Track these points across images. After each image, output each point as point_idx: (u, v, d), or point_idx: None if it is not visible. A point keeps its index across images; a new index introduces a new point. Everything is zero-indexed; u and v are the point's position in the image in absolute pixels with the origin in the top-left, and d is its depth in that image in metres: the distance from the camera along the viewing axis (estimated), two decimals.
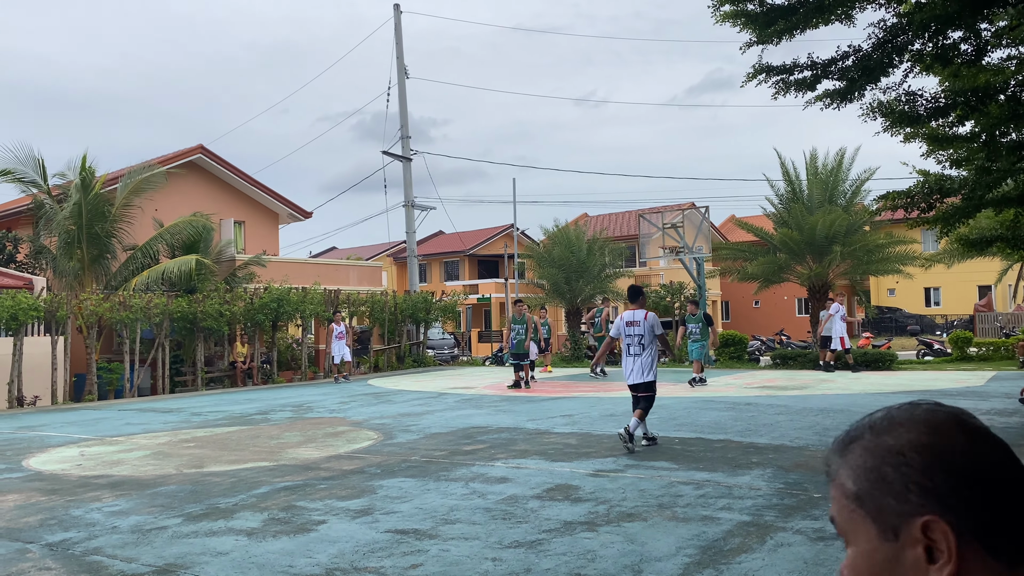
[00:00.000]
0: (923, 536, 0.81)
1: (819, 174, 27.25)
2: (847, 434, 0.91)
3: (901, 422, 0.88)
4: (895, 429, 0.87)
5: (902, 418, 0.88)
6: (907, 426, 0.87)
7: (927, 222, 9.13)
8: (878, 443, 0.87)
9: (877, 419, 0.90)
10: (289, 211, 28.40)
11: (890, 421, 0.89)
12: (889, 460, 0.85)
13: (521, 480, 7.24)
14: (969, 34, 8.60)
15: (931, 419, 0.87)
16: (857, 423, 0.92)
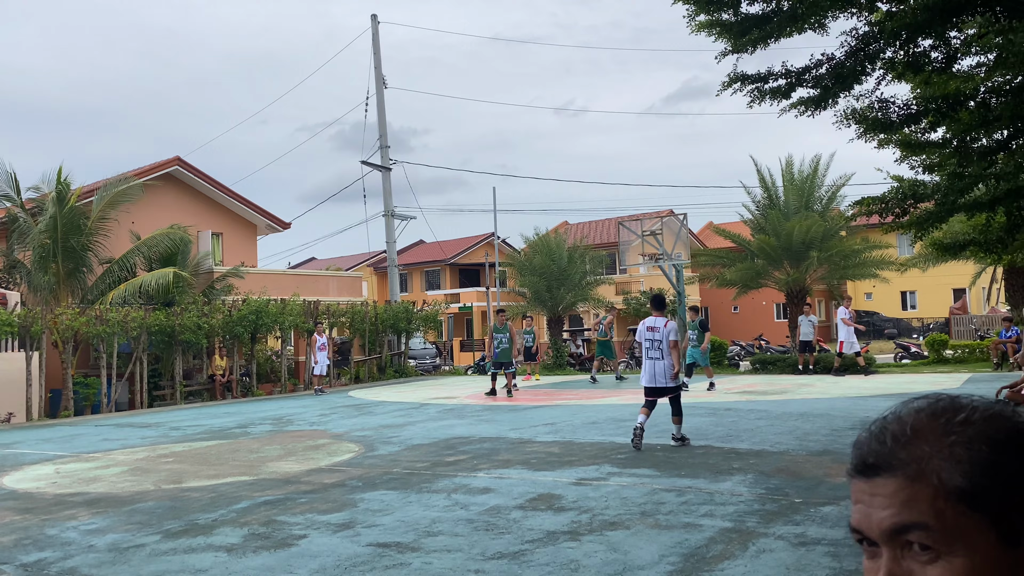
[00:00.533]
0: None
1: (795, 180, 27.51)
2: (909, 425, 0.79)
3: (986, 409, 0.78)
4: (992, 421, 0.76)
5: (978, 408, 0.78)
6: (1002, 417, 0.77)
7: (902, 227, 9.25)
8: (984, 432, 0.75)
9: (954, 407, 0.79)
10: (267, 222, 28.24)
11: (972, 411, 0.78)
12: (1009, 451, 0.74)
13: (504, 490, 7.22)
14: (939, 42, 8.73)
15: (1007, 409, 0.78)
16: (910, 413, 0.80)
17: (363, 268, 44.64)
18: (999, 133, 8.94)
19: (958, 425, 0.77)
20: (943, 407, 0.79)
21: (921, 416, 0.79)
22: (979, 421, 0.76)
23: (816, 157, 27.87)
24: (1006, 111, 8.14)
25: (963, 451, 0.75)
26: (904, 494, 0.76)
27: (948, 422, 0.77)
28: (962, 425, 0.76)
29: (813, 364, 20.56)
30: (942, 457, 0.75)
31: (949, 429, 0.77)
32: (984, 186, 8.42)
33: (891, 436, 0.79)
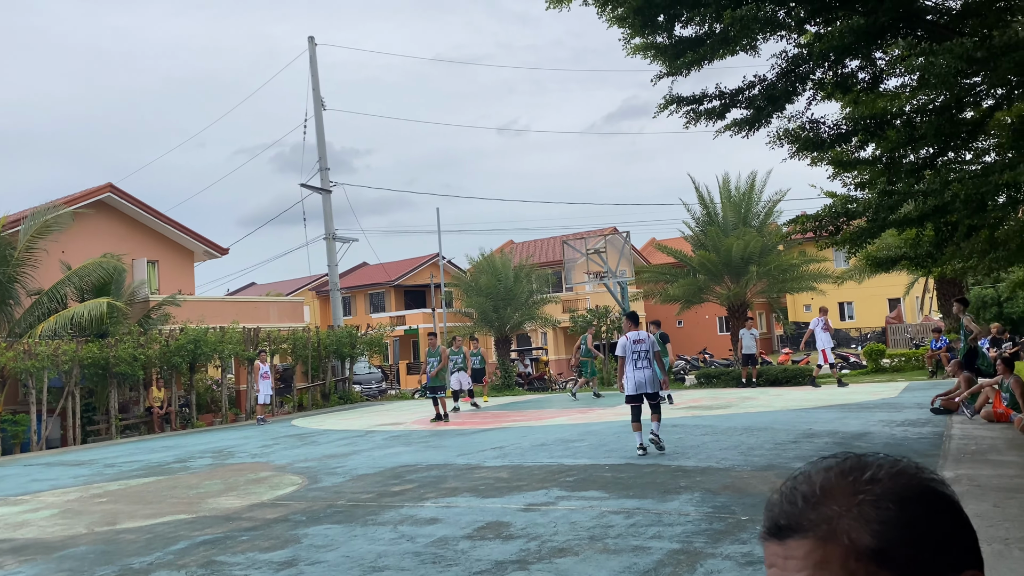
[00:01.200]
0: None
1: (732, 197, 28.07)
2: (818, 485, 0.79)
3: (888, 467, 0.79)
4: (898, 478, 0.77)
5: (881, 466, 0.79)
6: (898, 471, 0.78)
7: (836, 243, 9.46)
8: (891, 490, 0.76)
9: (861, 466, 0.79)
10: (205, 248, 27.64)
11: (878, 469, 0.78)
12: (915, 508, 0.75)
13: (451, 520, 7.11)
14: (866, 63, 9.00)
15: (914, 466, 0.80)
16: (819, 473, 0.80)
17: (305, 292, 43.99)
18: (925, 150, 9.23)
19: (865, 484, 0.77)
20: (850, 466, 0.79)
21: (830, 476, 0.79)
22: (886, 479, 0.77)
23: (752, 174, 28.53)
24: (930, 129, 8.41)
25: (871, 510, 0.75)
26: (816, 555, 0.75)
27: (856, 481, 0.78)
28: (869, 483, 0.77)
29: (756, 377, 20.90)
30: (851, 517, 0.75)
31: (857, 488, 0.77)
32: (913, 202, 8.67)
33: (801, 497, 0.79)
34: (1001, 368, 11.10)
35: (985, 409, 11.24)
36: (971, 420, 11.37)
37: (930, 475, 0.79)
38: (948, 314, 23.43)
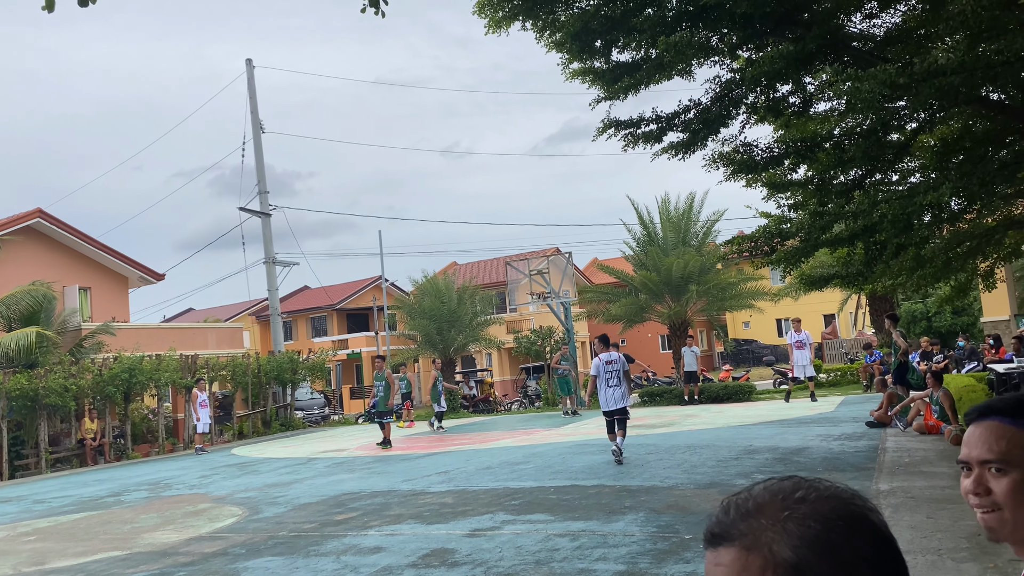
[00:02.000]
0: None
1: (672, 217, 28.56)
2: (752, 499, 0.83)
3: (820, 489, 0.82)
4: (824, 501, 0.81)
5: (812, 489, 0.82)
6: (829, 495, 0.82)
7: (771, 262, 9.70)
8: (814, 514, 0.80)
9: (795, 487, 0.83)
10: (140, 274, 26.95)
11: (802, 493, 0.82)
12: (838, 530, 0.78)
13: (396, 548, 7.01)
14: (796, 88, 9.29)
15: (844, 491, 0.83)
16: (758, 489, 0.85)
17: (244, 317, 43.14)
18: (854, 172, 9.54)
19: (795, 502, 0.81)
20: (786, 486, 0.83)
21: (765, 492, 0.84)
22: (815, 500, 0.81)
23: (691, 195, 29.08)
24: (858, 152, 8.70)
25: (795, 527, 0.79)
26: (739, 564, 0.79)
27: (786, 499, 0.82)
28: (798, 502, 0.81)
29: (698, 394, 21.19)
30: (775, 531, 0.79)
31: (786, 505, 0.81)
32: (843, 222, 8.95)
33: (735, 508, 0.84)
34: (931, 381, 11.47)
35: (917, 422, 11.59)
36: (904, 433, 11.70)
37: (862, 503, 0.82)
38: (880, 329, 24.16)
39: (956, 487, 7.68)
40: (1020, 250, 12.42)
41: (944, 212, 8.87)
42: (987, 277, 12.26)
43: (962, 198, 8.40)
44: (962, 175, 8.23)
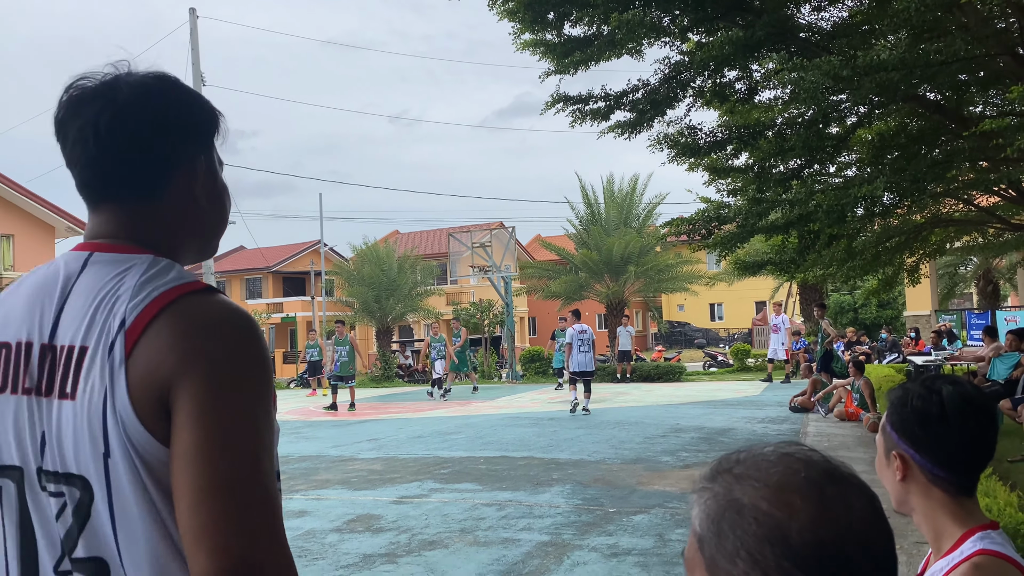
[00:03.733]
0: None
1: (615, 198, 28.79)
2: (719, 464, 0.86)
3: (756, 476, 0.82)
4: (747, 482, 0.82)
5: (760, 471, 0.82)
6: (759, 483, 0.81)
7: (708, 246, 9.85)
8: (728, 493, 0.82)
9: (742, 460, 0.84)
10: (68, 224, 25.97)
11: (748, 469, 0.83)
12: (729, 517, 0.81)
13: (321, 513, 6.96)
14: (743, 74, 9.40)
15: (784, 483, 0.81)
16: (731, 454, 0.86)
17: None
18: (793, 162, 9.72)
19: (726, 480, 0.83)
20: (742, 460, 0.84)
21: (728, 461, 0.86)
22: (738, 481, 0.82)
23: (635, 177, 29.38)
24: (799, 142, 8.87)
25: (708, 504, 0.82)
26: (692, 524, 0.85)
27: (727, 471, 0.84)
28: (728, 480, 0.82)
29: (631, 372, 21.53)
30: (700, 504, 0.83)
31: (721, 479, 0.83)
32: (780, 210, 9.13)
33: (708, 468, 0.86)
34: (852, 370, 11.86)
35: (837, 408, 11.98)
36: (825, 419, 12.10)
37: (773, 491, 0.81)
38: (809, 318, 24.86)
39: (872, 471, 7.96)
40: (944, 247, 12.88)
41: (876, 206, 9.12)
42: (912, 272, 12.69)
43: (894, 194, 8.64)
44: (896, 171, 8.47)
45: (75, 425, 1.03)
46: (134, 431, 1.01)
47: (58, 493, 1.05)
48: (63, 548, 1.05)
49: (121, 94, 1.15)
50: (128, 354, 1.02)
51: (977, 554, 1.39)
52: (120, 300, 1.06)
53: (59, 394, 1.05)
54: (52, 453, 1.05)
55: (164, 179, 1.16)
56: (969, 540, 1.42)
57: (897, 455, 1.50)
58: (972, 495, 1.48)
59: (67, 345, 1.06)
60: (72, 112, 1.15)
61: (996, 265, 24.31)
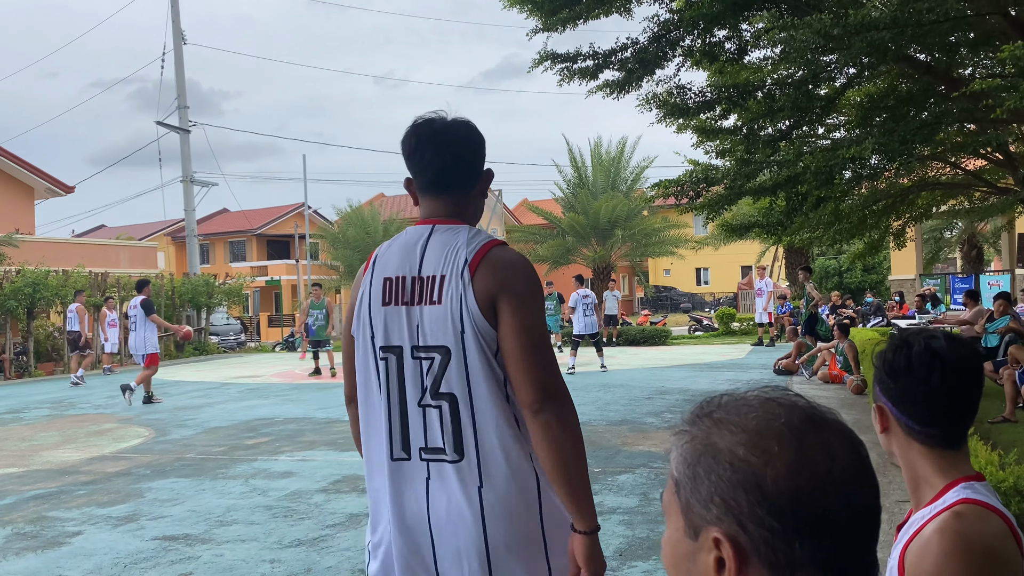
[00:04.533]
0: (715, 547, 0.77)
1: (603, 161, 28.63)
2: (699, 407, 0.84)
3: (735, 421, 0.80)
4: (725, 427, 0.80)
5: (739, 415, 0.81)
6: (737, 428, 0.79)
7: (695, 208, 9.81)
8: (706, 437, 0.81)
9: (723, 404, 0.83)
10: (47, 185, 25.60)
11: (728, 413, 0.81)
12: (704, 462, 0.79)
13: (307, 473, 6.95)
14: (733, 34, 9.27)
15: (763, 428, 0.78)
16: (713, 398, 0.85)
17: (159, 237, 41.67)
18: (782, 123, 9.65)
19: (705, 424, 0.82)
20: (723, 404, 0.83)
21: (709, 405, 0.84)
22: (716, 426, 0.81)
23: (623, 139, 29.20)
24: (788, 102, 8.79)
25: (685, 448, 0.82)
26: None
27: (707, 416, 0.83)
28: (707, 424, 0.82)
29: (616, 336, 21.59)
30: (678, 447, 0.83)
31: (701, 423, 0.82)
32: (768, 172, 9.08)
33: (690, 411, 0.86)
34: (837, 334, 11.93)
35: (821, 371, 12.07)
36: (809, 381, 12.18)
37: (750, 436, 0.78)
38: (795, 282, 24.96)
39: (857, 429, 8.03)
40: (931, 211, 12.90)
41: (864, 169, 9.08)
42: (898, 236, 12.71)
43: (882, 156, 8.59)
44: (884, 133, 8.41)
45: (440, 318, 1.82)
46: (477, 319, 1.80)
47: (427, 358, 1.84)
48: (425, 389, 1.84)
49: (459, 132, 1.95)
50: (472, 277, 1.81)
51: (959, 503, 1.38)
52: (460, 249, 1.86)
53: (428, 302, 1.85)
54: (423, 335, 1.84)
55: (474, 180, 1.98)
56: (952, 490, 1.41)
57: (878, 407, 1.52)
58: (955, 447, 1.47)
59: (431, 275, 1.86)
60: (427, 140, 1.93)
61: (980, 229, 24.44)
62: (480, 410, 1.81)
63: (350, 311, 1.98)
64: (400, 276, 1.89)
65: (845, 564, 0.76)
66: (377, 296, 1.90)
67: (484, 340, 1.79)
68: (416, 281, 1.87)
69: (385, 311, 1.89)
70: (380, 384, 1.89)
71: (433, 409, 1.84)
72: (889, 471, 5.83)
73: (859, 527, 0.77)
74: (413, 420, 1.86)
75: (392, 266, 1.91)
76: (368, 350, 1.91)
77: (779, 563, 0.75)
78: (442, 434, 1.83)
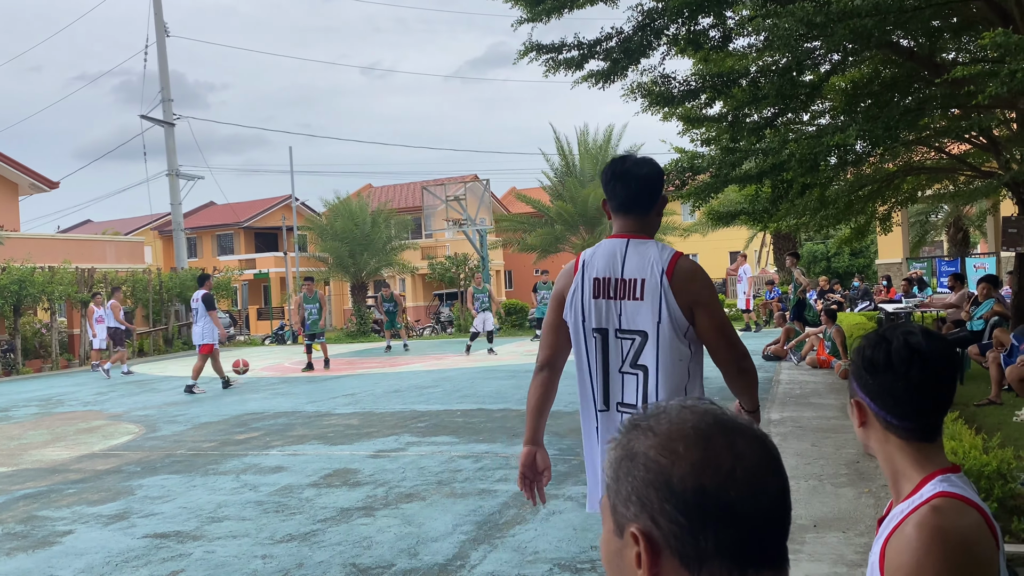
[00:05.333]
0: (635, 543, 0.84)
1: (590, 149, 28.61)
2: (632, 419, 0.91)
3: (651, 427, 0.87)
4: (645, 435, 0.87)
5: (660, 422, 0.87)
6: (653, 434, 0.87)
7: (681, 196, 9.81)
8: (627, 443, 0.88)
9: (647, 415, 0.90)
10: (31, 181, 25.40)
11: (648, 421, 0.89)
12: (625, 465, 0.87)
13: (297, 468, 6.96)
14: (717, 21, 9.25)
15: (673, 432, 0.86)
16: (644, 410, 0.92)
17: (146, 232, 41.41)
18: (767, 110, 9.65)
19: (630, 432, 0.89)
20: (649, 415, 0.90)
21: (640, 416, 0.91)
22: (639, 432, 0.88)
23: (609, 127, 29.18)
24: (772, 90, 8.79)
25: (613, 453, 0.89)
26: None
27: (636, 425, 0.89)
28: (631, 432, 0.89)
29: None
30: (609, 451, 0.90)
31: (633, 431, 0.89)
32: (753, 160, 9.09)
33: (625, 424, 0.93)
34: (825, 319, 12.00)
35: (810, 356, 12.14)
36: (797, 366, 12.26)
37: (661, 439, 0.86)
38: (782, 267, 25.04)
39: (842, 418, 8.11)
40: (916, 196, 12.95)
41: (849, 155, 9.10)
42: (884, 220, 12.76)
43: (867, 142, 8.61)
44: (868, 119, 8.42)
45: (641, 310, 2.52)
46: (674, 312, 2.50)
47: (628, 339, 2.56)
48: (624, 360, 2.57)
49: (642, 169, 2.64)
50: (670, 282, 2.50)
51: (936, 496, 1.40)
52: (654, 258, 2.54)
53: (630, 298, 2.54)
54: (624, 321, 2.55)
55: (652, 205, 2.65)
56: (929, 483, 1.44)
57: (855, 402, 1.55)
58: (931, 440, 1.50)
59: (632, 278, 2.54)
60: (620, 174, 2.63)
61: (966, 213, 24.57)
62: (664, 378, 2.54)
63: (557, 298, 2.71)
64: (606, 277, 2.59)
65: (750, 555, 0.82)
66: (588, 291, 2.60)
67: (676, 326, 2.52)
68: (619, 282, 2.57)
69: (595, 303, 2.60)
70: (590, 356, 2.63)
71: (630, 375, 2.59)
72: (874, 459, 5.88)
73: (765, 522, 0.83)
74: (614, 383, 2.62)
75: (599, 268, 2.61)
76: (580, 330, 2.65)
77: (688, 555, 0.82)
78: (636, 394, 2.59)
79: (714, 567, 0.81)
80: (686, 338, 2.55)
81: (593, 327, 2.60)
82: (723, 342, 2.55)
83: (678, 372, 2.54)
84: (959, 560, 1.33)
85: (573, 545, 4.61)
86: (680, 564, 0.82)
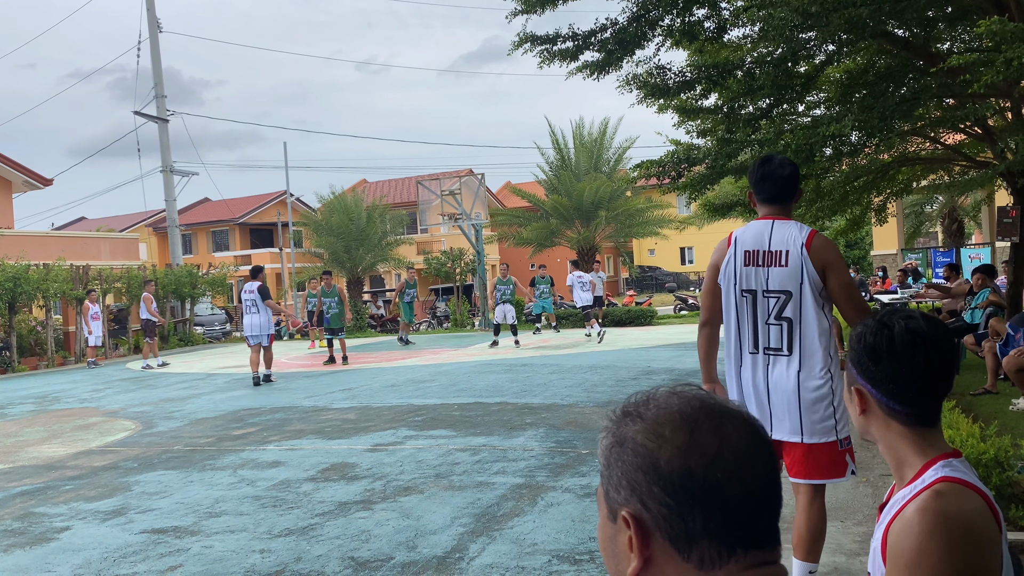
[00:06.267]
0: (626, 526, 0.86)
1: (585, 143, 28.58)
2: (623, 407, 0.93)
3: (640, 413, 0.90)
4: (634, 421, 0.89)
5: (648, 408, 0.90)
6: (639, 419, 0.89)
7: (677, 188, 9.80)
8: (618, 430, 0.90)
9: (637, 402, 0.92)
10: (25, 178, 25.29)
11: (637, 408, 0.91)
12: (615, 451, 0.89)
13: (295, 463, 6.95)
14: (712, 12, 9.23)
15: (660, 417, 0.88)
16: (631, 397, 0.94)
17: (141, 228, 41.30)
18: (762, 101, 9.64)
19: (619, 419, 0.91)
20: (637, 402, 0.92)
21: (629, 404, 0.93)
22: (628, 420, 0.90)
23: (605, 120, 29.12)
24: (768, 80, 8.77)
25: (604, 441, 0.92)
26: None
27: (627, 413, 0.92)
28: (621, 419, 0.91)
29: (602, 318, 21.65)
30: (602, 441, 0.93)
31: (624, 420, 0.91)
32: (749, 151, 9.08)
33: (616, 409, 0.95)
34: None
35: None
36: None
37: (649, 424, 0.88)
38: None
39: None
40: (911, 186, 12.96)
41: (844, 146, 9.09)
42: (879, 211, 12.76)
43: (862, 132, 8.60)
44: (863, 109, 8.41)
45: (787, 274, 3.22)
46: (812, 276, 3.20)
47: (775, 298, 3.25)
48: (771, 314, 3.27)
49: (785, 169, 3.34)
50: (809, 253, 3.20)
51: (939, 481, 1.40)
52: (795, 234, 3.25)
53: (776, 265, 3.24)
54: (772, 283, 3.25)
55: (791, 196, 3.38)
56: (931, 468, 1.44)
57: (855, 390, 1.54)
58: (932, 425, 1.50)
59: (777, 250, 3.24)
60: (767, 174, 3.33)
61: (961, 203, 24.59)
62: (804, 328, 3.21)
63: (713, 268, 3.40)
64: (756, 249, 3.28)
65: (739, 536, 0.83)
66: (740, 260, 3.30)
67: (814, 287, 3.18)
68: (767, 253, 3.25)
69: (745, 270, 3.29)
70: (740, 311, 3.33)
71: (775, 326, 3.26)
72: (875, 445, 5.89)
73: (753, 502, 0.84)
74: (762, 331, 3.28)
75: (748, 242, 3.30)
76: (731, 292, 3.34)
77: (677, 536, 0.84)
78: (781, 340, 3.25)
79: (704, 547, 0.83)
80: (821, 296, 3.22)
81: (743, 288, 3.30)
82: (848, 299, 3.19)
83: (817, 323, 3.21)
84: (962, 544, 1.32)
85: (571, 536, 4.61)
86: (671, 546, 0.84)
